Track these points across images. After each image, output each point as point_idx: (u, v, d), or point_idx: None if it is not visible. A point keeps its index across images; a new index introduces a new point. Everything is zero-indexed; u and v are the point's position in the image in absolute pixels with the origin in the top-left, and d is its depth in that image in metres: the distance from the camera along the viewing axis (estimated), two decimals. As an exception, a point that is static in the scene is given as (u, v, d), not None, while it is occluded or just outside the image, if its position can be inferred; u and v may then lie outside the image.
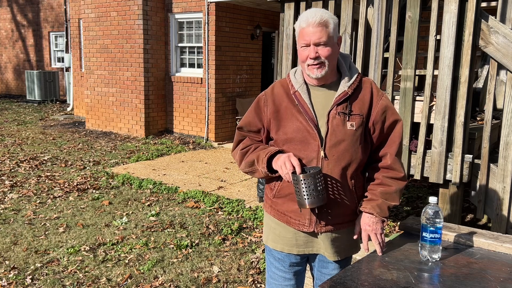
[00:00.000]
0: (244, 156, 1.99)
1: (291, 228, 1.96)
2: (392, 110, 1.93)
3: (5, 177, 6.19)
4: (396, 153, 1.94)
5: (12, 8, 17.23)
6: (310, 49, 1.80)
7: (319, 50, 1.79)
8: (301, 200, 1.76)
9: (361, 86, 1.91)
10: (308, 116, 1.85)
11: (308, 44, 1.80)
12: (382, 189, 1.91)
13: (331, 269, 2.02)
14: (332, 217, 1.91)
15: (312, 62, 1.81)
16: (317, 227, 1.91)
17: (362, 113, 1.88)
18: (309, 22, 1.79)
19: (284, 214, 1.96)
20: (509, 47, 3.11)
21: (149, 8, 9.01)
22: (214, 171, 6.78)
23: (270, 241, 2.05)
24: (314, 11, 1.82)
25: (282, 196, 1.95)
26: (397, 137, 1.94)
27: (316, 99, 1.89)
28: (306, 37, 1.80)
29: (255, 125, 2.00)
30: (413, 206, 5.24)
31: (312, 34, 1.78)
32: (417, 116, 3.58)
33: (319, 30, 1.78)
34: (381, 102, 1.90)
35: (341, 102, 1.86)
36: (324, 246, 1.96)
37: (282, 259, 2.02)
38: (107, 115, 10.04)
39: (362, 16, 3.69)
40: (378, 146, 1.95)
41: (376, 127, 1.91)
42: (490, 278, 1.63)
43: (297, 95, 1.89)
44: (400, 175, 1.93)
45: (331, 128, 1.85)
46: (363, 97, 1.89)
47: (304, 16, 1.82)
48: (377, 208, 1.87)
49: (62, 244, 4.10)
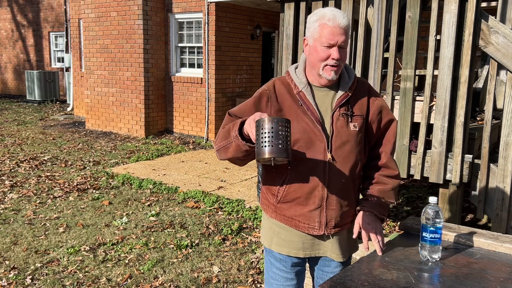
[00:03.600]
0: (223, 131, 1.84)
1: (298, 232, 1.93)
2: (387, 110, 1.95)
3: (5, 177, 6.19)
4: (391, 152, 1.96)
5: (12, 8, 17.23)
6: (334, 50, 1.77)
7: (341, 53, 1.78)
8: (259, 149, 1.53)
9: (358, 87, 1.92)
10: (315, 117, 1.84)
11: (334, 44, 1.76)
12: (379, 187, 1.92)
13: (333, 266, 2.02)
14: (340, 218, 1.91)
15: (333, 63, 1.78)
16: (326, 229, 1.90)
17: (362, 114, 1.89)
18: (338, 22, 1.74)
19: (292, 219, 1.92)
20: (509, 47, 3.11)
21: (149, 8, 9.01)
22: (214, 171, 6.78)
23: (274, 245, 2.00)
24: (339, 11, 1.78)
25: (289, 201, 1.91)
26: (392, 136, 1.96)
27: (319, 100, 1.88)
28: (333, 37, 1.75)
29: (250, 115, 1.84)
30: (413, 206, 5.24)
31: (340, 35, 1.75)
32: (417, 116, 3.58)
33: (345, 33, 1.76)
34: (377, 102, 1.92)
35: (343, 104, 1.86)
36: (331, 248, 1.96)
37: (284, 259, 2.00)
38: (107, 115, 10.04)
39: (362, 16, 3.69)
40: (373, 145, 1.97)
41: (372, 126, 1.92)
42: (490, 278, 1.63)
43: (301, 95, 1.86)
44: (395, 173, 1.95)
45: (336, 129, 1.84)
46: (361, 98, 1.91)
47: (330, 14, 1.76)
48: (376, 207, 1.88)
49: (62, 244, 4.10)
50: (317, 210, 1.87)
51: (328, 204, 1.87)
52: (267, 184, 1.97)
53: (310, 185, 1.85)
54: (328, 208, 1.87)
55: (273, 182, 1.93)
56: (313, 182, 1.84)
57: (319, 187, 1.85)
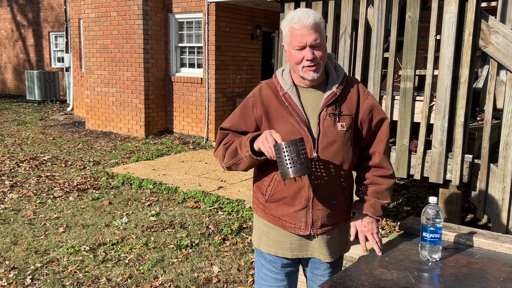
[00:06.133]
0: (227, 149, 1.90)
1: (286, 232, 1.94)
2: (378, 108, 1.93)
3: (5, 177, 6.19)
4: (384, 151, 1.94)
5: (12, 8, 17.23)
6: (307, 51, 1.78)
7: (315, 52, 1.78)
8: (284, 170, 1.67)
9: (348, 86, 1.91)
10: (300, 118, 1.84)
11: (304, 46, 1.78)
12: (374, 188, 1.91)
13: (323, 269, 2.01)
14: (327, 218, 1.91)
15: (309, 64, 1.79)
16: (313, 229, 1.90)
17: (351, 113, 1.88)
18: (303, 23, 1.76)
19: (279, 219, 1.94)
20: (509, 47, 3.11)
21: (149, 8, 9.02)
22: (214, 171, 6.78)
23: (263, 245, 2.01)
24: (305, 11, 1.78)
25: (276, 201, 1.92)
26: (384, 135, 1.94)
27: (305, 101, 1.88)
28: (301, 39, 1.77)
29: (240, 127, 1.94)
30: (413, 206, 5.24)
31: (308, 35, 1.76)
32: (417, 116, 3.58)
33: (315, 31, 1.76)
34: (367, 101, 1.91)
35: (330, 103, 1.85)
36: (319, 249, 1.95)
37: (274, 260, 2.00)
38: (107, 115, 10.05)
39: (362, 16, 3.69)
40: (365, 145, 1.95)
41: (363, 126, 1.91)
42: (490, 278, 1.63)
43: (287, 96, 1.87)
44: (389, 173, 1.93)
45: (322, 129, 1.84)
46: (350, 97, 1.89)
47: (296, 17, 1.78)
48: (371, 208, 1.87)
49: (62, 244, 4.10)
50: (303, 210, 1.88)
51: (314, 204, 1.87)
52: (258, 183, 1.99)
53: (296, 185, 1.86)
54: (314, 208, 1.88)
55: (262, 181, 1.95)
56: (299, 183, 1.85)
57: (305, 188, 1.85)
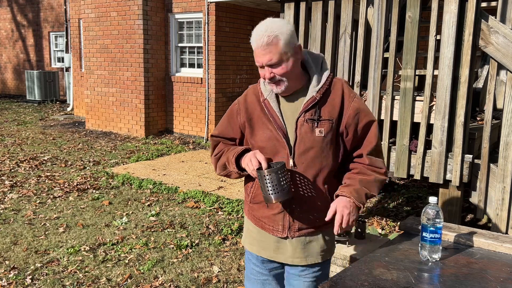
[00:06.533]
0: (218, 161, 2.01)
1: (265, 233, 2.00)
2: (364, 111, 1.88)
3: (5, 177, 6.19)
4: (373, 153, 1.90)
5: (12, 8, 17.23)
6: (265, 70, 1.78)
7: (274, 70, 1.77)
8: (266, 195, 1.77)
9: (330, 88, 1.86)
10: (277, 125, 1.85)
11: (262, 65, 1.78)
12: (361, 177, 1.88)
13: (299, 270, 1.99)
14: (305, 222, 1.92)
15: (269, 82, 1.81)
16: (290, 232, 1.93)
17: (332, 118, 1.84)
18: (257, 43, 1.74)
19: (259, 220, 1.99)
20: (509, 47, 3.11)
21: (149, 8, 9.02)
22: (214, 171, 6.77)
23: (247, 243, 2.10)
24: (263, 27, 1.75)
25: (257, 202, 1.98)
26: (373, 137, 1.89)
27: (285, 107, 1.88)
28: (258, 59, 1.77)
29: (228, 134, 2.02)
30: (413, 206, 5.24)
31: (262, 56, 1.75)
32: (417, 116, 3.57)
33: (268, 52, 1.73)
34: (353, 105, 1.85)
35: (309, 109, 1.83)
36: (293, 252, 1.95)
37: (257, 258, 2.08)
38: (107, 115, 10.04)
39: (362, 16, 3.69)
40: (353, 148, 1.92)
41: (349, 130, 1.87)
42: (490, 278, 1.63)
43: (266, 103, 1.88)
44: (380, 170, 1.90)
45: (299, 136, 1.84)
46: (332, 100, 1.85)
47: (254, 34, 1.76)
48: (354, 193, 1.82)
49: (62, 244, 4.10)
50: (281, 214, 1.92)
51: (291, 208, 1.90)
52: (245, 184, 2.06)
53: None
54: (292, 212, 1.90)
55: (248, 183, 2.02)
56: None
57: None
